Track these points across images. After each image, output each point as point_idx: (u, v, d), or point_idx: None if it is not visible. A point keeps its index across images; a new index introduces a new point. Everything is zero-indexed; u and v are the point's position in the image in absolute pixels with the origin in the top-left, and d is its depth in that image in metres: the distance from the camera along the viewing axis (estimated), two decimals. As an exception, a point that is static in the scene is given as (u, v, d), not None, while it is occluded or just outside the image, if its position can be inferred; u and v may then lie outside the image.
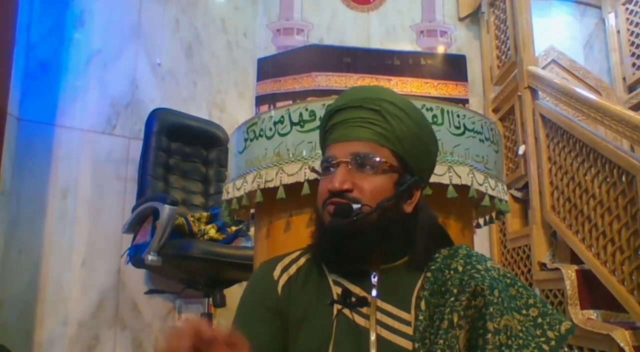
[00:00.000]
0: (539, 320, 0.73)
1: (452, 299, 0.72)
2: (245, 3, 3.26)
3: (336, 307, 0.75)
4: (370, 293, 0.76)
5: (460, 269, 0.76)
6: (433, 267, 0.78)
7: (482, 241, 3.00)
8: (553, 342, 0.71)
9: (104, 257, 2.40)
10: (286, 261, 0.86)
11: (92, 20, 2.57)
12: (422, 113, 0.86)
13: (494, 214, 1.33)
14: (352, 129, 0.79)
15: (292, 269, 0.84)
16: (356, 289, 0.77)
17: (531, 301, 0.75)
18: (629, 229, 1.80)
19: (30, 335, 2.19)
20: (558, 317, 0.73)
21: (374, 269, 0.78)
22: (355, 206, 0.75)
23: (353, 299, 0.75)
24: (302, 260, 0.85)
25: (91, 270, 2.37)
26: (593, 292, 2.03)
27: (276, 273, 0.83)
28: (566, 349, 2.06)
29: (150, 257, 1.97)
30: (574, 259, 2.25)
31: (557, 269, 2.18)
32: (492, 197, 1.16)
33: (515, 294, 0.75)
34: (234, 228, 2.18)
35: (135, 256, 2.12)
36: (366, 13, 3.38)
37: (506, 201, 1.22)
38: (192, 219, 2.15)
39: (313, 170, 0.86)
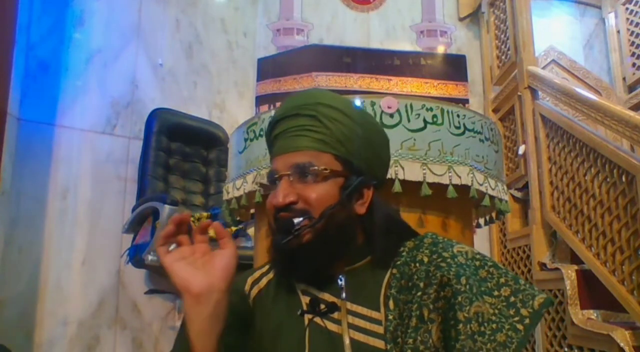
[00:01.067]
0: (512, 299, 0.71)
1: (420, 293, 0.71)
2: (245, 3, 3.26)
3: (307, 317, 0.74)
4: (339, 297, 0.75)
5: (425, 260, 0.74)
6: (399, 262, 0.77)
7: (482, 241, 3.00)
8: (527, 320, 0.69)
9: (104, 257, 2.40)
10: (256, 274, 0.85)
11: (92, 20, 2.58)
12: (364, 111, 0.85)
13: (494, 214, 1.33)
14: (290, 139, 0.77)
15: (263, 283, 0.83)
16: (325, 295, 0.76)
17: (502, 280, 0.73)
18: (629, 229, 1.80)
19: (30, 335, 2.19)
20: (531, 292, 0.72)
21: (340, 272, 0.77)
22: (296, 220, 0.73)
23: (322, 307, 0.74)
24: (272, 273, 0.84)
25: (91, 270, 2.37)
26: (593, 292, 2.03)
27: (247, 287, 0.83)
28: (566, 349, 2.06)
29: (150, 257, 1.97)
30: (574, 259, 2.25)
31: (557, 269, 2.18)
32: (492, 197, 1.16)
33: (485, 276, 0.74)
34: (234, 228, 2.18)
35: (135, 256, 2.12)
36: (366, 13, 3.39)
37: (506, 201, 1.22)
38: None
39: (261, 185, 0.84)
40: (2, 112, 2.00)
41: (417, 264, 0.74)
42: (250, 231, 2.02)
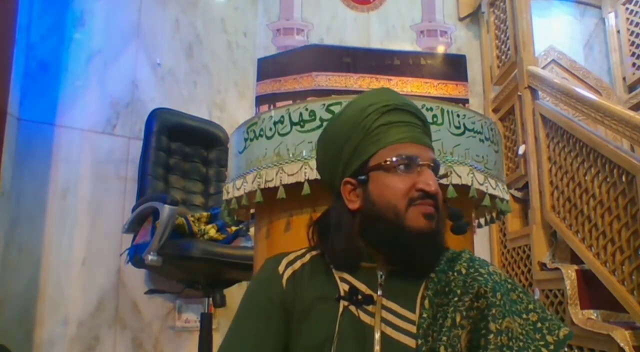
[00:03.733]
0: (539, 324, 0.74)
1: (456, 299, 0.73)
2: (245, 3, 3.26)
3: (342, 303, 0.76)
4: (376, 292, 0.77)
5: (463, 271, 0.77)
6: (437, 268, 0.79)
7: (482, 241, 3.00)
8: (552, 346, 0.72)
9: (104, 257, 2.40)
10: (291, 256, 0.87)
11: (92, 20, 2.57)
12: None
13: (494, 214, 1.33)
14: (420, 134, 0.82)
15: (297, 265, 0.85)
16: (362, 287, 0.78)
17: (531, 306, 0.76)
18: (629, 229, 1.80)
19: (30, 335, 2.19)
20: (557, 323, 0.75)
21: (381, 269, 0.79)
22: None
23: (359, 297, 0.76)
24: (307, 257, 0.86)
25: (91, 270, 2.37)
26: (593, 292, 2.03)
27: (281, 268, 0.84)
28: (566, 349, 2.06)
29: (150, 257, 1.97)
30: (574, 259, 2.25)
31: (557, 269, 2.18)
32: (492, 197, 1.16)
33: (516, 299, 0.77)
34: (234, 228, 2.18)
35: (135, 255, 2.12)
36: (366, 13, 3.38)
37: (507, 201, 1.22)
38: (192, 219, 2.15)
39: (385, 162, 0.80)
40: (2, 112, 1.99)
41: (455, 274, 0.77)
42: (251, 231, 2.01)
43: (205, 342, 2.09)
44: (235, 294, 2.28)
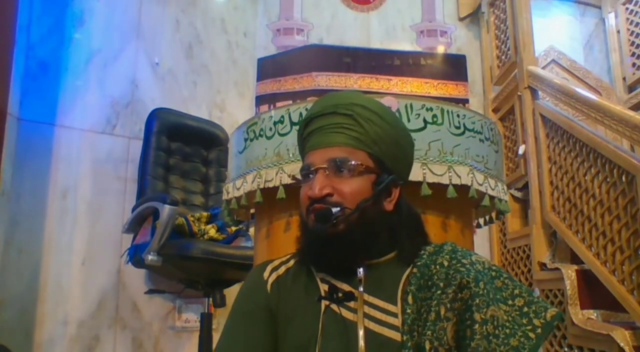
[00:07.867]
0: (525, 309, 0.74)
1: (439, 292, 0.74)
2: (245, 3, 3.26)
3: (324, 303, 0.77)
4: (357, 288, 0.78)
5: (445, 263, 0.78)
6: (419, 263, 0.80)
7: (482, 241, 3.00)
8: (539, 330, 0.72)
9: (104, 257, 2.40)
10: (276, 262, 0.89)
11: (92, 20, 2.57)
12: (394, 114, 0.89)
13: (494, 214, 1.33)
14: (327, 136, 0.81)
15: (281, 270, 0.87)
16: (343, 286, 0.79)
17: (517, 291, 0.77)
18: (629, 229, 1.80)
19: (30, 335, 2.19)
20: (543, 305, 0.75)
21: (360, 265, 0.80)
22: (334, 210, 0.77)
23: (340, 295, 0.77)
24: (292, 262, 0.88)
25: (91, 270, 2.37)
26: (593, 292, 2.03)
27: (266, 273, 0.86)
28: (566, 349, 2.06)
29: (150, 257, 1.97)
30: (574, 259, 2.25)
31: (557, 269, 2.18)
32: (492, 197, 1.16)
33: (500, 286, 0.77)
34: (234, 228, 2.18)
35: (135, 256, 2.12)
36: (366, 13, 3.38)
37: (506, 201, 1.22)
38: (192, 219, 2.15)
39: (294, 178, 0.88)
40: (2, 112, 2.00)
41: (437, 266, 0.78)
42: (251, 231, 2.01)
43: (205, 342, 2.09)
44: (235, 294, 2.28)
